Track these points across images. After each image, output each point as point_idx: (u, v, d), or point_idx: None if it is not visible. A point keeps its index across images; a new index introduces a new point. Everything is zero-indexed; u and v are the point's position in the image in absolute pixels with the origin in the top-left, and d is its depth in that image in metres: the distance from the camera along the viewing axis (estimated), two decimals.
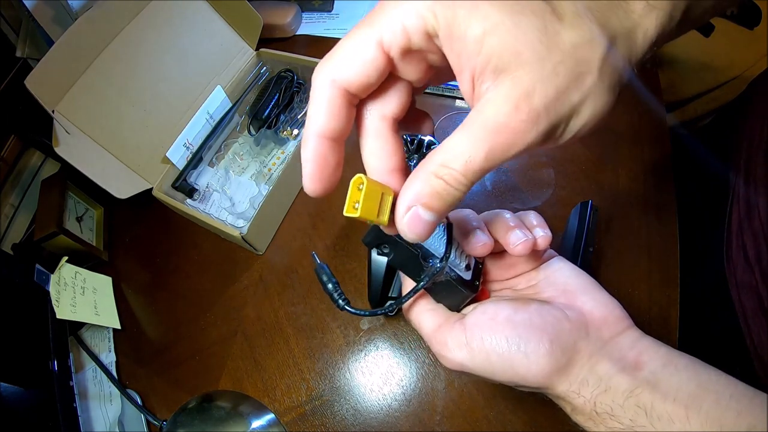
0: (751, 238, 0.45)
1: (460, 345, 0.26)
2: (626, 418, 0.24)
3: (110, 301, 0.58)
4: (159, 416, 0.49)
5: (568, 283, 0.29)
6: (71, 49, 0.53)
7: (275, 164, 0.62)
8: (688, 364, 0.25)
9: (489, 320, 0.26)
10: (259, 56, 0.70)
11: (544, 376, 0.25)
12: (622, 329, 0.27)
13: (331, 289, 0.28)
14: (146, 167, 0.60)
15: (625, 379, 0.24)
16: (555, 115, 0.19)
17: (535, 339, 0.25)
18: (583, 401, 0.25)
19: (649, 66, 0.63)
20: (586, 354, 0.25)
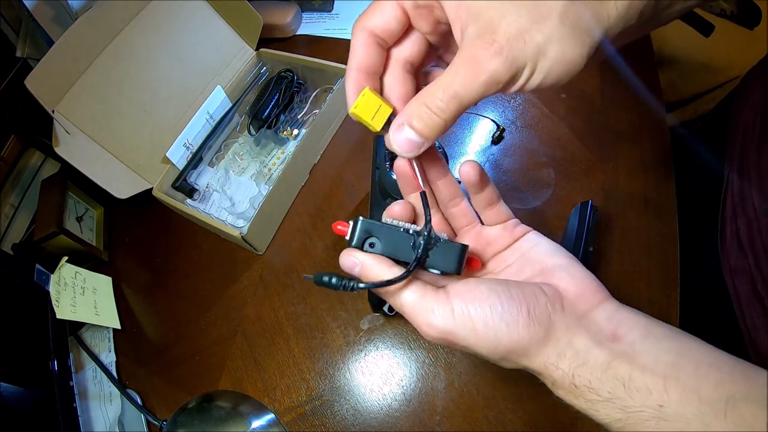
0: (744, 224, 0.45)
1: (445, 312, 0.26)
2: (605, 391, 0.24)
3: (110, 301, 0.58)
4: (159, 416, 0.49)
5: (544, 260, 0.30)
6: (71, 49, 0.53)
7: (275, 164, 0.62)
8: (668, 334, 0.25)
9: (471, 290, 0.27)
10: (259, 56, 0.70)
11: (523, 347, 0.25)
12: (598, 302, 0.28)
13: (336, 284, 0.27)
14: (146, 167, 0.60)
15: (602, 353, 0.25)
16: (518, 50, 0.22)
17: (514, 308, 0.26)
18: (561, 374, 0.25)
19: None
20: (562, 327, 0.26)
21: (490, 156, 0.60)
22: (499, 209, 0.32)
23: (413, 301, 0.27)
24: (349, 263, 0.28)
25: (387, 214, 0.30)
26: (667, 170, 0.55)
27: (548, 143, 0.60)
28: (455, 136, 0.62)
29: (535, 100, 0.64)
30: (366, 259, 0.27)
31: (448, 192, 0.31)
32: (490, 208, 0.32)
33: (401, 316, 0.52)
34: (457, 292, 0.27)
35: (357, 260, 0.27)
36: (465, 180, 0.30)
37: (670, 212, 0.52)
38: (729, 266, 0.46)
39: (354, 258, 0.27)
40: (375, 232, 0.28)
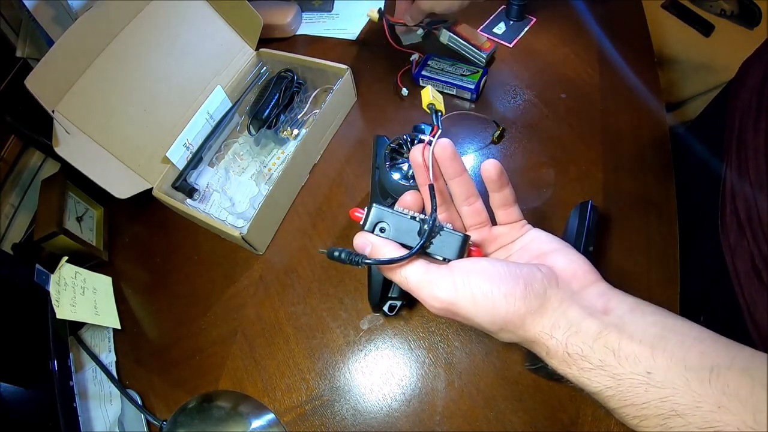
0: (742, 201, 0.47)
1: (448, 284, 0.28)
2: (596, 359, 0.25)
3: (110, 301, 0.58)
4: (159, 416, 0.49)
5: (541, 247, 0.32)
6: (71, 49, 0.53)
7: (275, 164, 0.62)
8: (654, 311, 0.27)
9: (472, 265, 0.29)
10: (259, 56, 0.70)
11: (520, 317, 0.27)
12: (590, 282, 0.30)
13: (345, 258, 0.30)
14: (146, 167, 0.60)
15: (593, 323, 0.26)
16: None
17: (512, 282, 0.28)
18: (555, 343, 0.27)
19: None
20: (557, 300, 0.28)
21: (490, 156, 0.60)
22: (512, 211, 0.34)
23: (418, 276, 0.29)
24: (361, 243, 0.30)
25: (399, 203, 0.32)
26: (667, 170, 0.55)
27: (548, 143, 0.60)
28: (455, 136, 0.62)
29: (535, 100, 0.64)
30: (376, 240, 0.30)
31: (463, 190, 0.33)
32: (505, 209, 0.34)
33: (401, 316, 0.52)
34: (459, 267, 0.29)
35: (368, 241, 0.30)
36: (484, 176, 0.32)
37: (670, 212, 0.52)
38: (729, 244, 0.48)
39: (365, 239, 0.30)
40: (386, 218, 0.31)
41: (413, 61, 0.68)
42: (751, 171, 0.46)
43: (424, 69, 0.66)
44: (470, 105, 0.65)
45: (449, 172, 0.33)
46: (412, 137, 0.53)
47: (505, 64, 0.68)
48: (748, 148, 0.47)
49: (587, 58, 0.66)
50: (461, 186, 0.33)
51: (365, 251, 0.30)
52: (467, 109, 0.65)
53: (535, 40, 0.70)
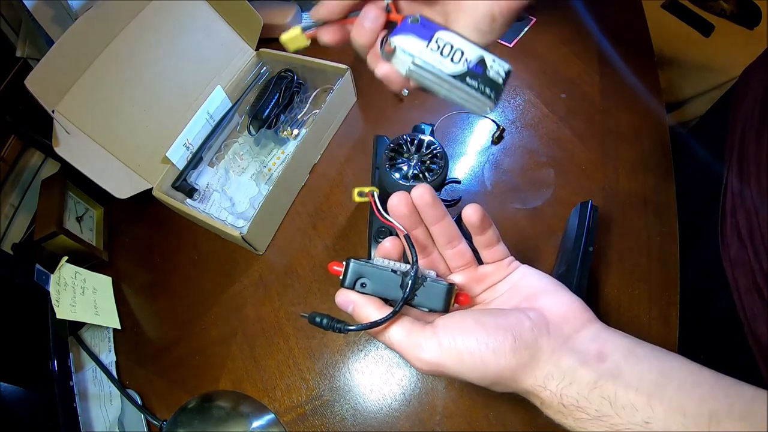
0: (743, 215, 0.46)
1: (432, 345, 0.27)
2: (592, 409, 0.25)
3: (110, 301, 0.58)
4: (159, 416, 0.49)
5: (531, 287, 0.31)
6: (71, 49, 0.53)
7: (275, 164, 0.62)
8: (650, 354, 0.26)
9: (458, 323, 0.28)
10: (259, 56, 0.70)
11: (511, 371, 0.26)
12: (582, 323, 0.28)
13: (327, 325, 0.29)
14: (146, 167, 0.60)
15: (588, 372, 0.25)
16: None
17: (500, 336, 0.27)
18: (549, 394, 0.26)
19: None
20: (548, 350, 0.27)
21: (490, 156, 0.60)
22: (497, 249, 0.33)
23: (401, 338, 0.28)
24: (344, 302, 0.30)
25: (378, 253, 0.32)
26: (667, 170, 0.55)
27: (548, 143, 0.60)
28: (455, 136, 0.62)
29: (535, 100, 0.64)
30: (358, 299, 0.29)
31: (445, 235, 0.33)
32: (489, 248, 0.33)
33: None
34: (443, 326, 0.28)
35: (350, 300, 0.29)
36: (467, 222, 0.31)
37: (670, 212, 0.52)
38: (729, 258, 0.47)
39: (347, 298, 0.30)
40: (365, 273, 0.30)
41: None
42: (752, 185, 0.46)
43: None
44: None
45: (429, 218, 0.32)
46: (412, 137, 0.53)
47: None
48: (750, 162, 0.47)
49: (587, 58, 0.66)
50: (443, 230, 0.32)
51: (348, 310, 0.30)
52: (467, 109, 0.65)
53: (535, 40, 0.70)
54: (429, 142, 0.46)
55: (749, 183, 0.46)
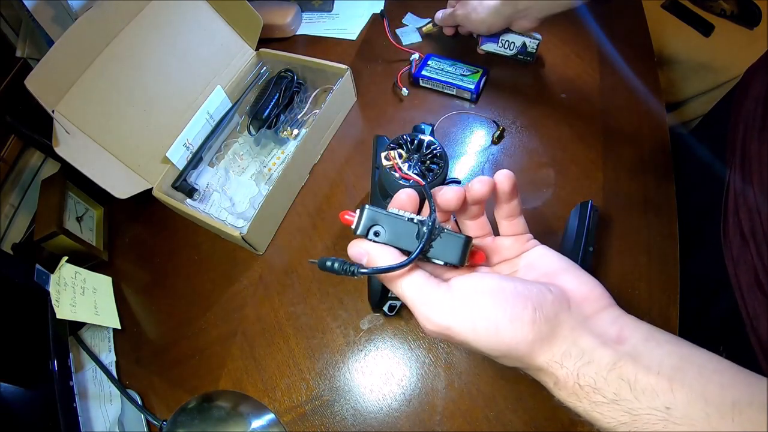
0: (746, 213, 0.46)
1: (445, 307, 0.26)
2: (610, 392, 0.23)
3: (110, 301, 0.58)
4: (159, 416, 0.49)
5: (550, 265, 0.30)
6: (71, 49, 0.53)
7: (275, 164, 0.62)
8: (670, 339, 0.25)
9: (475, 284, 0.26)
10: (259, 56, 0.70)
11: (527, 344, 0.25)
12: (602, 306, 0.27)
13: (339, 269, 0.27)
14: (146, 167, 0.60)
15: (607, 352, 0.24)
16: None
17: (520, 305, 0.25)
18: (566, 373, 0.24)
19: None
20: (568, 326, 0.25)
21: (490, 156, 0.60)
22: (518, 222, 0.32)
23: (414, 291, 0.27)
24: (357, 253, 0.28)
25: (393, 204, 0.30)
26: (667, 170, 0.55)
27: (548, 143, 0.60)
28: (455, 136, 0.62)
29: (536, 100, 0.64)
30: (373, 248, 0.27)
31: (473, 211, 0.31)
32: (510, 220, 0.32)
33: (401, 316, 0.52)
34: (458, 287, 0.26)
35: (364, 250, 0.28)
36: (498, 187, 0.30)
37: (670, 212, 0.52)
38: (731, 257, 0.47)
39: (361, 248, 0.28)
40: (380, 221, 0.28)
41: (413, 61, 0.68)
42: (755, 183, 0.46)
43: (424, 69, 0.66)
44: (470, 105, 0.65)
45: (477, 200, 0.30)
46: (412, 137, 0.53)
47: (505, 64, 0.68)
48: (752, 160, 0.47)
49: (587, 58, 0.66)
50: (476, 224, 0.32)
51: (362, 261, 0.28)
52: (467, 109, 0.65)
53: None
54: (429, 142, 0.46)
55: (751, 182, 0.46)
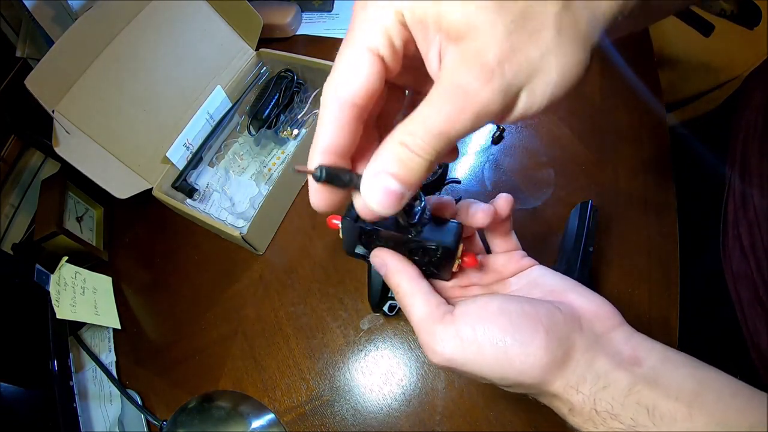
0: (746, 227, 0.45)
1: (449, 336, 0.24)
2: (627, 417, 0.22)
3: (110, 301, 0.58)
4: (159, 416, 0.49)
5: (554, 284, 0.28)
6: (71, 49, 0.53)
7: (275, 164, 0.62)
8: (686, 362, 0.24)
9: (480, 309, 0.25)
10: (259, 56, 0.70)
11: (542, 369, 0.23)
12: (614, 325, 0.26)
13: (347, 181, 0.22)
14: (146, 167, 0.60)
15: (624, 375, 0.23)
16: (512, 72, 0.18)
17: (530, 329, 0.24)
18: (582, 399, 0.23)
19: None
20: (582, 347, 0.24)
21: (490, 156, 0.60)
22: (510, 239, 0.31)
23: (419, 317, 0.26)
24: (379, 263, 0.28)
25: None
26: (667, 170, 0.55)
27: (548, 143, 0.60)
28: None
29: None
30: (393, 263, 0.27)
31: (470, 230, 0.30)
32: (502, 237, 0.31)
33: (401, 316, 0.52)
34: (464, 313, 0.25)
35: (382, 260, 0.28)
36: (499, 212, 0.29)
37: (670, 212, 0.52)
38: (731, 271, 0.46)
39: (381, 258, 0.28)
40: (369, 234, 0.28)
41: None
42: (755, 197, 0.45)
43: None
44: None
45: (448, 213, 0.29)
46: None
47: None
48: (752, 173, 0.46)
49: None
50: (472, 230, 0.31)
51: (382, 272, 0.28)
52: None
53: None
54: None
55: (752, 194, 0.45)
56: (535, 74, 0.19)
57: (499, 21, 0.18)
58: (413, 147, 0.19)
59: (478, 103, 0.18)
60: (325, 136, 0.21)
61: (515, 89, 0.19)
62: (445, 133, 0.19)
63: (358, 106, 0.21)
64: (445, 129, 0.19)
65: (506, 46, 0.18)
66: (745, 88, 0.55)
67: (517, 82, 0.19)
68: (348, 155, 0.22)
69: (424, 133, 0.19)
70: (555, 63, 0.19)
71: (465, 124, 0.19)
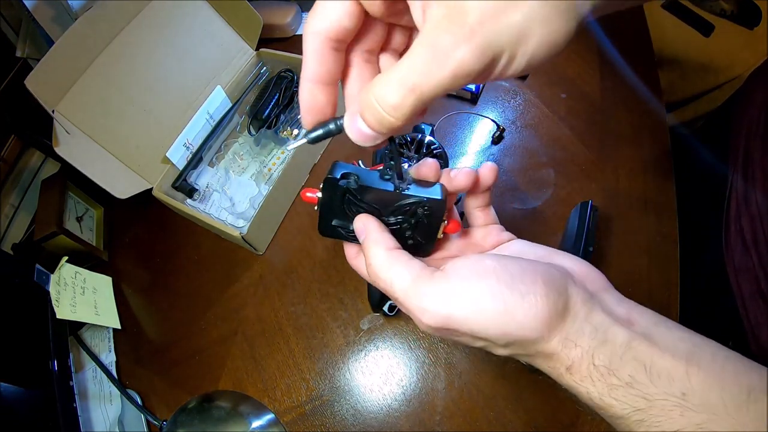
0: (748, 222, 0.46)
1: (442, 293, 0.23)
2: (625, 374, 0.22)
3: (110, 301, 0.58)
4: (159, 416, 0.49)
5: (538, 252, 0.28)
6: (71, 49, 0.53)
7: (275, 164, 0.62)
8: (679, 326, 0.24)
9: (474, 264, 0.24)
10: (259, 56, 0.70)
11: (542, 321, 0.22)
12: (604, 287, 0.26)
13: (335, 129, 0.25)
14: (146, 167, 0.60)
15: (621, 331, 0.22)
16: (492, 33, 0.18)
17: (529, 279, 0.23)
18: (580, 353, 0.22)
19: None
20: (579, 300, 0.23)
21: (490, 156, 0.60)
22: (488, 212, 0.31)
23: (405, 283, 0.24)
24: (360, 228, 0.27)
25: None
26: (667, 170, 0.55)
27: (548, 143, 0.60)
28: (455, 136, 0.62)
29: (535, 100, 0.64)
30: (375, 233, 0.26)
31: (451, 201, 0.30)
32: (482, 210, 0.30)
33: (401, 316, 0.52)
34: (458, 269, 0.24)
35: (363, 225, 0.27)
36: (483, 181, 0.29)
37: (670, 212, 0.52)
38: (733, 265, 0.47)
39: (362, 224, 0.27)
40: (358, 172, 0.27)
41: None
42: (758, 191, 0.45)
43: None
44: (470, 105, 0.65)
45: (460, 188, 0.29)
46: (412, 137, 0.53)
47: None
48: (755, 167, 0.47)
49: (587, 58, 0.66)
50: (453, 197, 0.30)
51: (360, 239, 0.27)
52: (467, 109, 0.65)
53: None
54: (429, 142, 0.46)
55: (754, 189, 0.46)
56: (517, 39, 0.19)
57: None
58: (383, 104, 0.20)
59: (455, 61, 0.19)
60: (306, 67, 0.23)
61: (494, 52, 0.19)
62: (420, 90, 0.19)
63: (331, 39, 0.23)
64: (420, 85, 0.19)
65: (489, 7, 0.18)
66: (747, 88, 0.55)
67: (496, 45, 0.19)
68: (330, 81, 0.24)
69: (397, 88, 0.20)
70: (538, 30, 0.19)
71: (441, 81, 0.19)
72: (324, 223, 0.28)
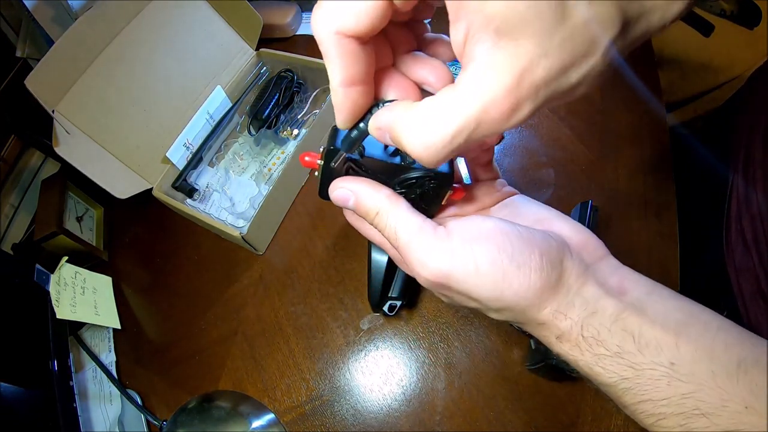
0: (749, 221, 0.46)
1: (445, 251, 0.23)
2: (613, 344, 0.22)
3: (110, 301, 0.58)
4: (159, 416, 0.49)
5: (539, 212, 0.28)
6: (71, 49, 0.53)
7: (275, 164, 0.62)
8: (673, 294, 0.24)
9: (475, 228, 0.24)
10: (259, 56, 0.70)
11: (536, 292, 0.23)
12: (600, 256, 0.26)
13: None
14: (146, 167, 0.60)
15: (611, 302, 0.23)
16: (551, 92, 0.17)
17: (527, 250, 0.23)
18: (570, 324, 0.23)
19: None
20: (573, 274, 0.24)
21: None
22: (491, 167, 0.30)
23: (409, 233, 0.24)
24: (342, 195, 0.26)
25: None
26: (667, 170, 0.55)
27: (548, 143, 0.60)
28: None
29: None
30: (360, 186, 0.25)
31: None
32: (485, 166, 0.30)
33: (401, 316, 0.52)
34: (460, 229, 0.24)
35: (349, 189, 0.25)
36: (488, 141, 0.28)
37: (670, 212, 0.52)
38: (734, 265, 0.47)
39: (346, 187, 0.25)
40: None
41: None
42: (759, 190, 0.45)
43: None
44: None
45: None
46: None
47: None
48: (756, 167, 0.47)
49: None
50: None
51: (348, 204, 0.25)
52: None
53: None
54: None
55: (755, 188, 0.46)
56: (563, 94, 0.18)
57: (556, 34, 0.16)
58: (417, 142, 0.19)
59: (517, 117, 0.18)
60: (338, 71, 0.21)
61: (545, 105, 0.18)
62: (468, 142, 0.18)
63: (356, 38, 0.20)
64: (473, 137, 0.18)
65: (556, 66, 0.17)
66: (747, 88, 0.55)
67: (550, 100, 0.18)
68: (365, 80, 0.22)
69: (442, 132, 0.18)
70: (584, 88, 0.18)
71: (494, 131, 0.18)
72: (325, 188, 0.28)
